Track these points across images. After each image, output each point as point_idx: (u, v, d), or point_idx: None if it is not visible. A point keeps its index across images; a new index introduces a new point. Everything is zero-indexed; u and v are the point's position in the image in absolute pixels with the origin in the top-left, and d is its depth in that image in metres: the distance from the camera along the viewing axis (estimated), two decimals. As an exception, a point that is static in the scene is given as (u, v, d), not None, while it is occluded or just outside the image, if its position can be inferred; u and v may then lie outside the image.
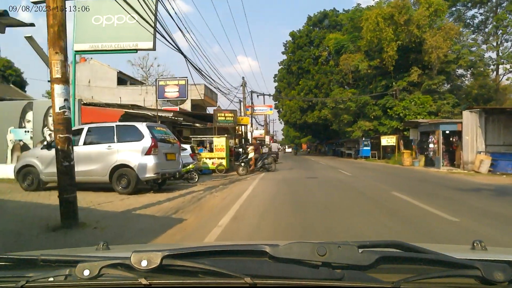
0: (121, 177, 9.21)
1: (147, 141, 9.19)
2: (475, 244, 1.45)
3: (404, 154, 23.45)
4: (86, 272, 0.99)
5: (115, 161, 9.20)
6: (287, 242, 1.02)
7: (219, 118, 22.27)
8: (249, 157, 19.48)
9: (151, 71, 52.18)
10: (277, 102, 56.25)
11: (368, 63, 31.02)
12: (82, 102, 12.66)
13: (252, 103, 33.62)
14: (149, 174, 9.15)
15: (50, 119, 11.24)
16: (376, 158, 33.16)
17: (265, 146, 48.76)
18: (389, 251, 1.10)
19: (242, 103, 32.28)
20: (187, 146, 17.72)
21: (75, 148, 6.11)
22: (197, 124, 30.74)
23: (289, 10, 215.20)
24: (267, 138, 61.08)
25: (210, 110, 29.90)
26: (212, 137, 20.09)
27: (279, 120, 66.05)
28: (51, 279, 1.06)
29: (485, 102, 31.93)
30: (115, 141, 9.38)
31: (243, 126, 34.48)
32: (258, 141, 46.02)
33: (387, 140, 30.86)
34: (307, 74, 44.01)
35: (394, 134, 30.86)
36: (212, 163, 19.71)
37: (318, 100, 41.42)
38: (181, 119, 22.56)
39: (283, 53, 50.80)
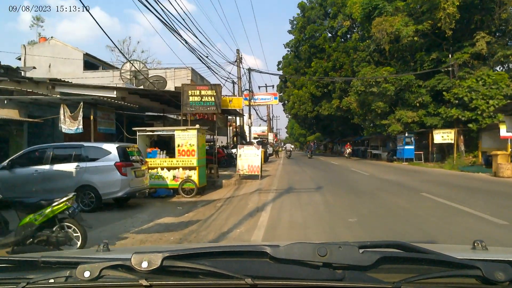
0: None
1: None
2: (475, 244, 1.38)
3: (499, 157, 14.21)
4: (87, 274, 0.99)
5: None
6: (288, 243, 1.01)
7: (190, 99, 12.81)
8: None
9: (134, 57, 43.19)
10: (281, 94, 47.15)
11: (415, 27, 21.72)
12: None
13: (250, 87, 24.37)
14: None
15: None
16: (422, 160, 24.04)
17: (269, 146, 39.88)
18: (389, 251, 1.07)
19: (236, 85, 22.98)
20: (111, 147, 8.65)
21: None
22: (175, 116, 21.66)
23: None
24: (270, 136, 51.89)
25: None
26: (173, 130, 10.97)
27: (285, 113, 57.15)
28: (52, 280, 1.05)
29: None
30: None
31: (238, 119, 25.26)
32: (260, 139, 36.98)
33: (442, 136, 21.94)
34: (322, 53, 34.64)
35: (449, 127, 21.95)
36: (174, 177, 10.71)
37: (336, 86, 32.13)
38: (130, 104, 13.29)
39: (289, 32, 41.57)
